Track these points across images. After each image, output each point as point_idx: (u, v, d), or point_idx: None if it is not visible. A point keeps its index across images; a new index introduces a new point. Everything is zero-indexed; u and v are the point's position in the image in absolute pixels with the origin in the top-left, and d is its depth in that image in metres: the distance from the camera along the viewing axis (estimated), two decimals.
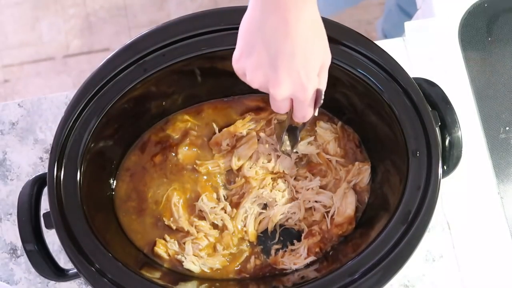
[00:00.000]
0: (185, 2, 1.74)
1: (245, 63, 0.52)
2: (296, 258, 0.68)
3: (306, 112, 0.55)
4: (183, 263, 0.68)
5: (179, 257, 0.68)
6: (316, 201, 0.70)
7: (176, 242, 0.69)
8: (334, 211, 0.69)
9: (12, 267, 0.75)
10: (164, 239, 0.69)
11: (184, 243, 0.69)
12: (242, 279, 0.68)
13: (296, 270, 0.67)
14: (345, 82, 0.65)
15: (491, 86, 0.83)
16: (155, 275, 0.64)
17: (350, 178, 0.70)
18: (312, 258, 0.67)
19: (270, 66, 0.50)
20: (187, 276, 0.68)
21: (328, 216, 0.69)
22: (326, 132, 0.73)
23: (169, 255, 0.68)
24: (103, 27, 1.80)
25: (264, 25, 0.49)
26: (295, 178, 0.72)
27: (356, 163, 0.70)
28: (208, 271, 0.68)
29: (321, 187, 0.71)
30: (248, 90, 0.69)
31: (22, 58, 1.77)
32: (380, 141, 0.69)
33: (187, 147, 0.73)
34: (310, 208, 0.70)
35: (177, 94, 0.72)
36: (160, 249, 0.68)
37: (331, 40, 0.63)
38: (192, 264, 0.68)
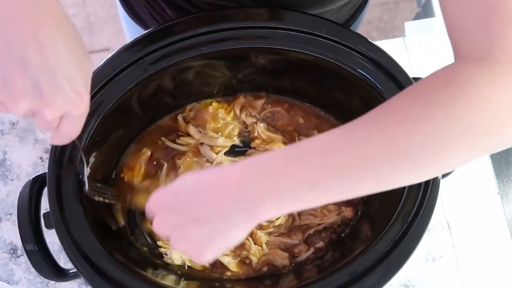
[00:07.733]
0: None
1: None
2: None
3: None
4: (164, 259, 0.68)
5: (161, 249, 0.68)
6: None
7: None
8: None
9: (12, 267, 0.75)
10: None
11: None
12: (241, 278, 0.68)
13: (295, 270, 0.67)
14: (345, 82, 0.65)
15: None
16: (156, 275, 0.64)
17: None
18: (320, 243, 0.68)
19: None
20: (188, 275, 0.68)
21: None
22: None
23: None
24: (103, 27, 1.80)
25: None
26: None
27: None
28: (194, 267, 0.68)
29: None
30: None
31: None
32: None
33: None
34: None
35: (178, 94, 0.72)
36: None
37: (332, 40, 0.63)
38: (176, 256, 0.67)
